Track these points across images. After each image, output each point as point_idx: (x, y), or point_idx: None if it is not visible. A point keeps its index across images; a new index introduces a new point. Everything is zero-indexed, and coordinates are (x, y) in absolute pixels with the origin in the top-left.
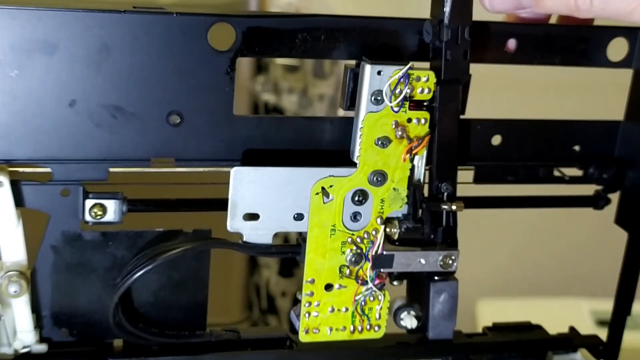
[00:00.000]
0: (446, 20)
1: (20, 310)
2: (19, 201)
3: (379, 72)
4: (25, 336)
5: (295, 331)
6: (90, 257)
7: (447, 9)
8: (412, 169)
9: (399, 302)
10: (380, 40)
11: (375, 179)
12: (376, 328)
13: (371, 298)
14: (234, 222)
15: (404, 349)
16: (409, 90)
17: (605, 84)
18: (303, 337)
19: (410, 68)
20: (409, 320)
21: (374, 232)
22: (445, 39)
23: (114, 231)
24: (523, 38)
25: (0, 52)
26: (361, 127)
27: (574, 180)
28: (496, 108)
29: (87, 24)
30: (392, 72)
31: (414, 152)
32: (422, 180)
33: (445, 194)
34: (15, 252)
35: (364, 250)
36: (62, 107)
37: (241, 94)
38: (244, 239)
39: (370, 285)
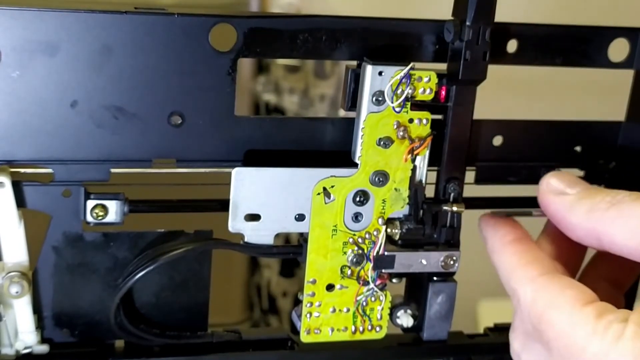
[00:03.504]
0: (468, 21)
1: (22, 311)
2: (20, 202)
3: (380, 73)
4: (27, 337)
5: (296, 332)
6: (92, 257)
7: (470, 9)
8: (413, 170)
9: (397, 299)
10: (381, 41)
11: (376, 179)
12: (377, 329)
13: (372, 298)
14: (235, 223)
15: (406, 350)
16: (410, 91)
17: (606, 84)
18: (304, 338)
19: (411, 68)
20: (405, 319)
21: (375, 233)
22: (467, 39)
23: (115, 232)
24: (524, 39)
25: (2, 53)
26: (362, 128)
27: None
28: (497, 108)
29: (89, 25)
30: (394, 73)
31: (415, 152)
32: (423, 181)
33: (452, 194)
34: (17, 252)
35: (365, 251)
36: (64, 107)
37: (242, 95)
38: (245, 240)
39: (371, 285)
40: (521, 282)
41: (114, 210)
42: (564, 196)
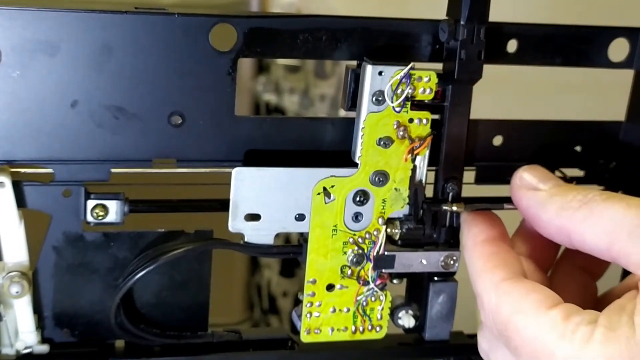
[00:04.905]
0: (462, 20)
1: (22, 311)
2: (20, 202)
3: (380, 73)
4: (27, 337)
5: (296, 331)
6: (92, 257)
7: (464, 8)
8: (413, 169)
9: (398, 300)
10: (381, 41)
11: (376, 179)
12: (377, 328)
13: (372, 298)
14: (236, 223)
15: (406, 350)
16: (410, 91)
17: (606, 84)
18: (304, 338)
19: (411, 68)
20: (406, 320)
21: (375, 233)
22: (461, 39)
23: (115, 232)
24: (524, 38)
25: (2, 53)
26: (362, 128)
27: (575, 180)
28: (497, 108)
29: (89, 25)
30: (394, 73)
31: (415, 152)
32: (423, 181)
33: (451, 194)
34: (17, 252)
35: (365, 251)
36: (64, 107)
37: (242, 94)
38: (246, 240)
39: (371, 285)
40: (485, 287)
41: (114, 210)
42: (536, 192)
